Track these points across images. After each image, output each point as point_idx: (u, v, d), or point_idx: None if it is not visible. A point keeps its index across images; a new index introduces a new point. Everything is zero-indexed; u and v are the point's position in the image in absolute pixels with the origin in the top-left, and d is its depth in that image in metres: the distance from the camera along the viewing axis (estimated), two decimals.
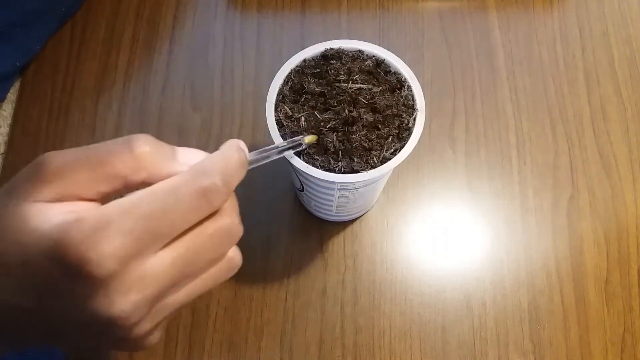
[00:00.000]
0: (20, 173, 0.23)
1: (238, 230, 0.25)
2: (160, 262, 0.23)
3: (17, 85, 0.54)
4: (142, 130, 0.52)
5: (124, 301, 0.22)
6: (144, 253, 0.22)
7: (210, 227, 0.24)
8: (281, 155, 0.33)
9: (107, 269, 0.21)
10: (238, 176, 0.25)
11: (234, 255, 0.26)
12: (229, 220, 0.25)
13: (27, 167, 0.23)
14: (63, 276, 0.21)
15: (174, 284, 0.24)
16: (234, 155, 0.26)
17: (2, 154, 0.51)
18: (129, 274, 0.22)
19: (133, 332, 0.23)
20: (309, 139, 0.35)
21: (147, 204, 0.22)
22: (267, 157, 0.31)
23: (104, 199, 0.24)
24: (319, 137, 0.36)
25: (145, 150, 0.23)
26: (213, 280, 0.26)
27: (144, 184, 0.23)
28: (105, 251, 0.21)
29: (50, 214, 0.22)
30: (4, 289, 0.23)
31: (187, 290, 0.25)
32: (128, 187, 0.23)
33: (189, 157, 0.25)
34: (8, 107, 0.53)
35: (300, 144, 0.34)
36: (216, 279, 0.26)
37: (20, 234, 0.22)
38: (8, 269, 0.23)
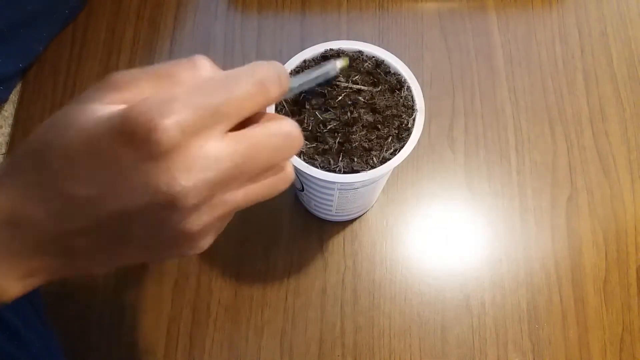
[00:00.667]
0: (89, 88, 0.24)
1: (299, 139, 0.26)
2: (224, 146, 0.23)
3: (18, 85, 0.54)
4: None
5: (185, 177, 0.22)
6: (207, 131, 0.22)
7: (272, 126, 0.25)
8: (314, 83, 0.33)
9: (173, 139, 0.21)
10: (286, 80, 0.26)
11: (290, 168, 0.27)
12: (290, 127, 0.25)
13: (94, 84, 0.24)
14: (127, 147, 0.21)
15: (234, 177, 0.24)
16: (278, 66, 0.26)
17: (3, 154, 0.52)
18: (192, 150, 0.22)
19: (190, 221, 0.23)
20: (341, 63, 0.35)
21: (210, 85, 0.23)
22: (301, 86, 0.31)
23: None
24: (318, 137, 0.36)
25: (205, 63, 0.24)
26: (269, 188, 0.26)
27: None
28: (171, 120, 0.21)
29: (115, 107, 0.22)
30: (71, 180, 0.23)
31: (245, 191, 0.25)
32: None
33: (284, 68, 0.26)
34: (9, 108, 0.53)
35: (329, 72, 0.34)
36: (272, 187, 0.26)
37: (86, 123, 0.22)
38: (72, 159, 0.22)
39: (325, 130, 0.36)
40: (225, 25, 0.56)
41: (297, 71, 0.38)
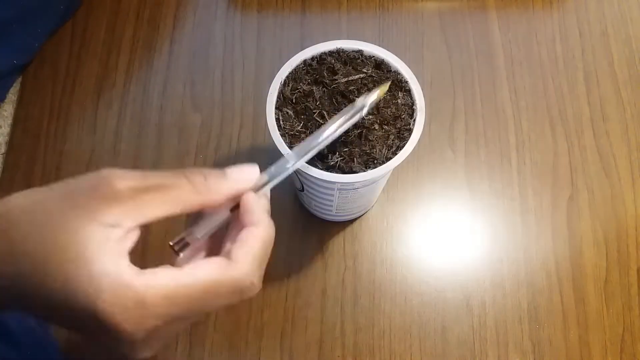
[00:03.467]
0: (88, 184, 0.25)
1: (249, 294, 0.28)
2: (181, 326, 0.27)
3: (17, 85, 0.54)
4: (142, 130, 0.52)
5: (143, 353, 0.26)
6: (170, 327, 0.26)
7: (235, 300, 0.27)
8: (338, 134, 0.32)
9: (137, 338, 0.24)
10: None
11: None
12: (252, 294, 0.28)
13: (95, 179, 0.25)
14: (99, 329, 0.24)
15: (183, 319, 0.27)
16: (271, 234, 0.29)
17: (2, 154, 0.51)
18: (154, 338, 0.25)
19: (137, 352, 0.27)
20: (376, 95, 0.34)
21: (188, 295, 0.25)
22: (325, 140, 0.32)
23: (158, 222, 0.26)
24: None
25: (199, 178, 0.26)
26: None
27: (203, 208, 0.27)
28: (139, 328, 0.24)
29: (108, 251, 0.24)
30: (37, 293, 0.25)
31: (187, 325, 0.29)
32: (186, 211, 0.26)
33: (237, 176, 0.28)
34: (9, 107, 0.53)
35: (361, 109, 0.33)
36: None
37: (77, 269, 0.23)
38: (56, 301, 0.24)
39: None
40: (225, 25, 0.56)
41: (297, 71, 0.38)
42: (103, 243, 0.24)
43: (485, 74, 0.54)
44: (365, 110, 0.33)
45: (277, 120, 0.36)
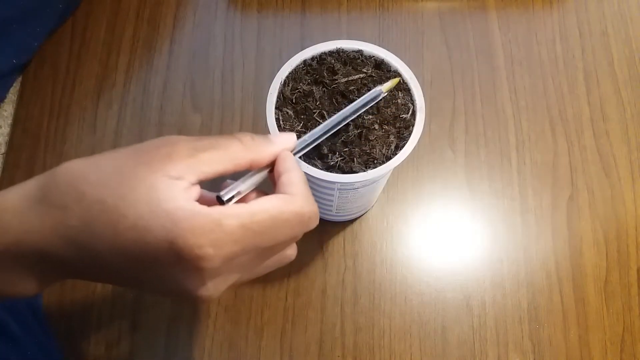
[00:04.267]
0: (151, 145, 0.27)
1: (314, 223, 0.30)
2: (250, 258, 0.27)
3: (17, 85, 0.54)
4: (142, 130, 0.52)
5: (213, 288, 0.26)
6: (242, 256, 0.26)
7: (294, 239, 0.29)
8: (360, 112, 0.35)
9: (213, 266, 0.25)
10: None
11: (293, 250, 0.32)
12: (313, 225, 0.30)
13: (157, 141, 0.27)
14: (174, 259, 0.24)
15: (248, 251, 0.27)
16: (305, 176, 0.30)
17: (2, 154, 0.51)
18: (225, 269, 0.26)
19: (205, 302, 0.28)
20: (388, 85, 0.36)
21: (259, 222, 0.26)
22: (346, 118, 0.35)
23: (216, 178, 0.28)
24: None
25: (248, 139, 0.29)
26: (272, 268, 0.31)
27: (251, 166, 0.29)
28: (217, 253, 0.25)
29: (178, 194, 0.25)
30: (114, 270, 0.26)
31: (253, 274, 0.30)
32: (238, 169, 0.28)
33: (282, 139, 0.31)
34: (9, 107, 0.53)
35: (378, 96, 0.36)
36: (274, 267, 0.31)
37: (149, 206, 0.24)
38: (121, 256, 0.25)
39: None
40: (225, 25, 0.56)
41: (296, 71, 0.38)
42: (172, 188, 0.25)
43: (485, 74, 0.54)
44: (382, 96, 0.36)
45: (277, 120, 0.36)
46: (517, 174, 0.51)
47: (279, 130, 0.36)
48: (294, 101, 0.37)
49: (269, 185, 0.31)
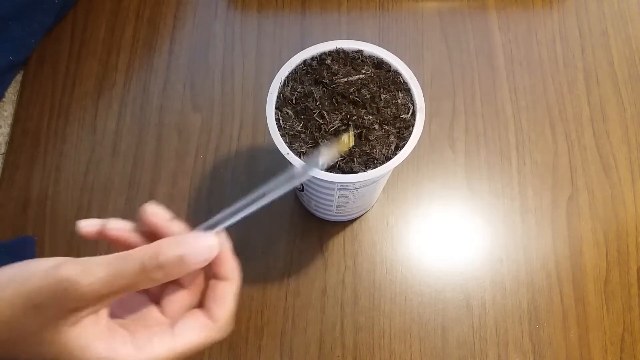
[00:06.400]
0: (43, 290, 0.24)
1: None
2: None
3: (17, 85, 0.54)
4: (142, 130, 0.52)
5: None
6: None
7: None
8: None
9: None
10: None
11: None
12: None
13: (48, 281, 0.24)
14: None
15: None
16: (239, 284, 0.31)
17: (2, 154, 0.51)
18: None
19: None
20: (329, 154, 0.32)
21: (181, 355, 0.28)
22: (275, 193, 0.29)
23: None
24: (317, 138, 0.36)
25: (153, 268, 0.27)
26: None
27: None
28: None
29: (93, 339, 0.25)
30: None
31: None
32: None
33: (195, 259, 0.27)
34: (9, 107, 0.53)
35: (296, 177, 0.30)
36: None
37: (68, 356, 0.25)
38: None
39: (325, 131, 0.36)
40: (225, 25, 0.56)
41: (296, 71, 0.38)
42: (84, 335, 0.25)
43: (485, 74, 0.54)
44: (311, 173, 0.32)
45: (277, 120, 0.36)
46: (517, 173, 0.51)
47: (279, 131, 0.36)
48: (294, 101, 0.37)
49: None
